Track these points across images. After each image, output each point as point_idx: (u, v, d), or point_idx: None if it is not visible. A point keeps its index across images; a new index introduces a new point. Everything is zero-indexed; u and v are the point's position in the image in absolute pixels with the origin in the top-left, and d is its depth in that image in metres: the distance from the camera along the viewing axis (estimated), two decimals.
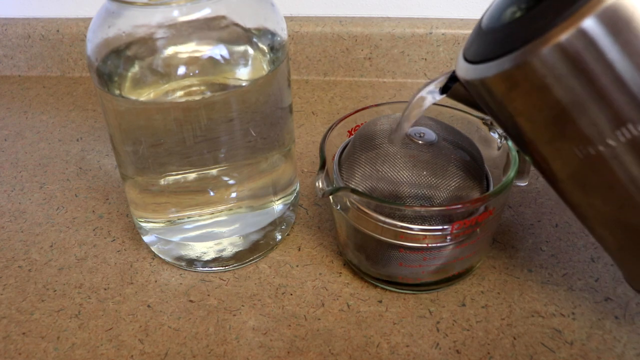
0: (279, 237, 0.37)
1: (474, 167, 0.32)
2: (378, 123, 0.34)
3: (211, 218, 0.34)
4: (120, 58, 0.29)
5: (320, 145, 0.33)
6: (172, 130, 0.30)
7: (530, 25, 0.22)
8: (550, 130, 0.24)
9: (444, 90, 0.29)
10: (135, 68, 0.29)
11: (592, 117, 0.22)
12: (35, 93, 0.61)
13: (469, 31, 0.56)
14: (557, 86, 0.22)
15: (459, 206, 0.29)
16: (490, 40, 0.25)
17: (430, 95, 0.29)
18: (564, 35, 0.21)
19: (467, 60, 0.25)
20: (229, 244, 0.35)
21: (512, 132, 0.26)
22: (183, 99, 0.29)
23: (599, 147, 0.23)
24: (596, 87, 0.21)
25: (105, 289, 0.35)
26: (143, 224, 0.36)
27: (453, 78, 0.28)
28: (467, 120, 0.36)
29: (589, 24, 0.20)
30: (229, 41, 0.30)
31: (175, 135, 0.30)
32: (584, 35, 0.20)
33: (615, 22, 0.20)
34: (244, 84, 0.30)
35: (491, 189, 0.33)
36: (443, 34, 0.57)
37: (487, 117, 0.35)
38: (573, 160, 0.24)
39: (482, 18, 0.27)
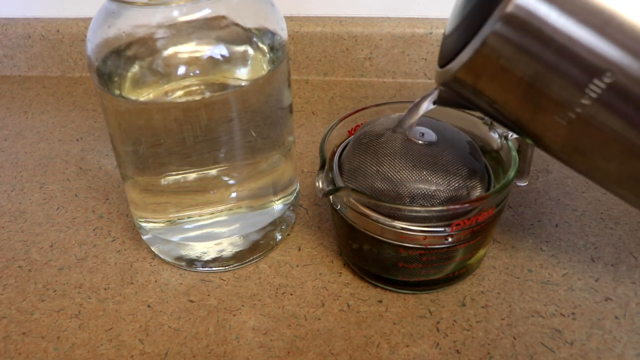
0: (279, 237, 0.37)
1: (474, 167, 0.32)
2: (378, 123, 0.34)
3: (211, 218, 0.34)
4: (121, 58, 0.29)
5: (320, 145, 0.33)
6: (172, 130, 0.30)
7: (476, 17, 0.24)
8: (527, 107, 0.25)
9: (435, 102, 0.30)
10: (135, 68, 0.29)
11: (557, 82, 0.23)
12: (35, 93, 0.61)
13: None
14: (513, 62, 0.23)
15: (459, 206, 0.29)
16: (450, 42, 0.27)
17: (425, 104, 0.31)
18: (504, 13, 0.22)
19: (439, 66, 0.28)
20: (229, 244, 0.35)
21: (501, 120, 0.27)
22: (183, 99, 0.29)
23: (576, 110, 0.24)
24: (549, 53, 0.22)
25: (105, 289, 0.35)
26: (143, 224, 0.36)
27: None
28: (467, 120, 0.36)
29: None
30: (229, 41, 0.30)
31: (175, 135, 0.30)
32: (520, 9, 0.22)
33: None
34: (244, 84, 0.30)
35: (491, 188, 0.33)
36: (443, 34, 0.57)
37: (487, 117, 0.35)
38: (559, 129, 0.25)
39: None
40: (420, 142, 0.31)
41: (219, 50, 0.29)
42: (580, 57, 0.22)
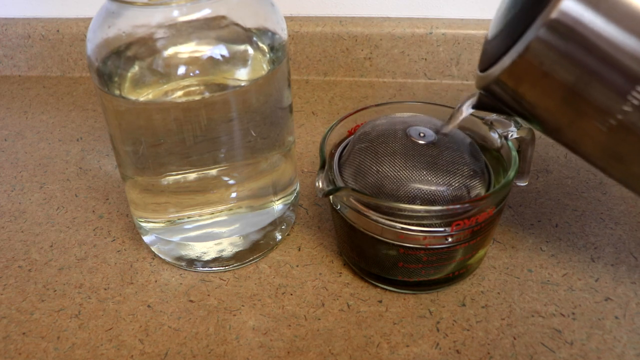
0: (279, 237, 0.37)
1: (474, 167, 0.32)
2: (378, 123, 0.34)
3: (211, 218, 0.34)
4: (121, 58, 0.29)
5: (320, 145, 0.33)
6: (172, 130, 0.30)
7: (519, 22, 0.24)
8: (567, 113, 0.25)
9: (474, 106, 0.30)
10: (135, 68, 0.29)
11: (599, 89, 0.23)
12: (35, 93, 0.61)
13: (469, 31, 0.56)
14: (556, 68, 0.23)
15: (459, 206, 0.29)
16: (492, 47, 0.27)
17: (465, 108, 0.31)
18: (548, 19, 0.22)
19: (479, 70, 0.28)
20: (229, 244, 0.35)
21: (539, 124, 0.27)
22: (183, 99, 0.29)
23: (617, 116, 0.23)
24: (592, 59, 0.23)
25: (105, 289, 0.35)
26: (143, 224, 0.36)
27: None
28: (467, 119, 0.36)
29: (567, 4, 0.22)
30: (229, 41, 0.30)
31: (175, 135, 0.30)
32: (565, 15, 0.22)
33: None
34: (243, 84, 0.30)
35: (491, 188, 0.33)
36: (443, 34, 0.57)
37: (487, 117, 0.35)
38: (599, 135, 0.25)
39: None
40: (420, 142, 0.31)
41: (219, 50, 0.29)
42: (623, 65, 0.22)
